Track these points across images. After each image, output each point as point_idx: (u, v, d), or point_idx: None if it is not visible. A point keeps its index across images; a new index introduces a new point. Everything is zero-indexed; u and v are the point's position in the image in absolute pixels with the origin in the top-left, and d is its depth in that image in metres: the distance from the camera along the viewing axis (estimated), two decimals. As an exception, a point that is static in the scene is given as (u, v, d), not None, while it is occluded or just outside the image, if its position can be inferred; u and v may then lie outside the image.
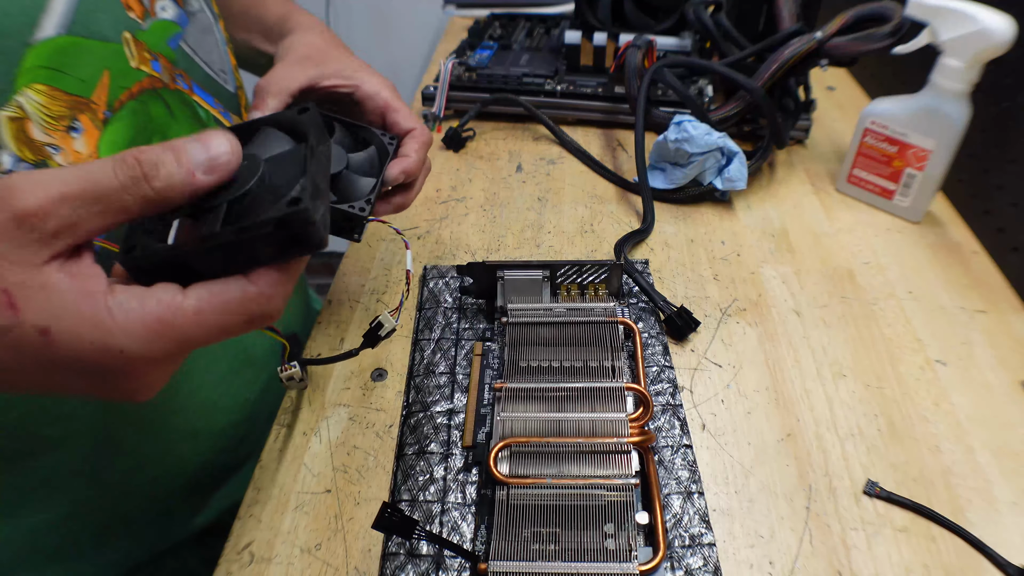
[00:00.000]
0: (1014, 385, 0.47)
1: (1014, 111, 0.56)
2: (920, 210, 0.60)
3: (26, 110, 0.33)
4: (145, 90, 0.39)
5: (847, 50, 0.61)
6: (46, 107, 0.34)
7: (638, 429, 0.40)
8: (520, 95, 0.75)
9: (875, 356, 0.49)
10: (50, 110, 0.34)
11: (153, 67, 0.40)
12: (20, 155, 0.33)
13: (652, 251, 0.59)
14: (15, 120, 0.33)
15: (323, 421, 0.45)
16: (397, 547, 0.37)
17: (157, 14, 0.41)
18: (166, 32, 0.42)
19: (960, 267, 0.56)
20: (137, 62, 0.39)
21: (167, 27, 0.42)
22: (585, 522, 0.37)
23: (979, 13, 0.50)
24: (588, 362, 0.45)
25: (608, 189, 0.67)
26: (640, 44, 0.68)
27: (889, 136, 0.59)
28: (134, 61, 0.39)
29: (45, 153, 0.34)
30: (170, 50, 0.42)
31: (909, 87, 0.57)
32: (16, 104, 0.33)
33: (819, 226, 0.61)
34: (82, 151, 0.35)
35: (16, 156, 0.33)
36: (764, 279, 0.55)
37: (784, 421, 0.45)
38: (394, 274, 0.57)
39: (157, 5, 0.41)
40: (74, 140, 0.35)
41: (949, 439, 0.43)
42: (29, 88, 0.33)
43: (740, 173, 0.61)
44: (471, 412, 0.44)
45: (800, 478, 0.41)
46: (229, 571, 0.38)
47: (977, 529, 0.38)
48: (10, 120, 0.32)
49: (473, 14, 1.06)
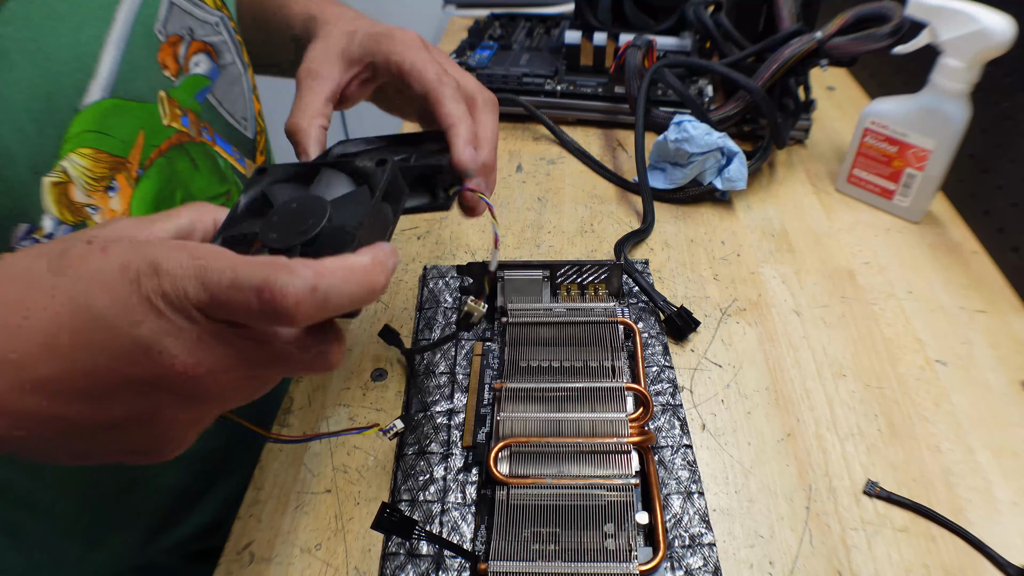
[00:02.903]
0: (1014, 385, 0.47)
1: (1014, 111, 0.56)
2: (920, 210, 0.60)
3: (70, 174, 0.33)
4: (173, 146, 0.40)
5: (847, 50, 0.61)
6: (90, 170, 0.34)
7: (638, 429, 0.40)
8: (520, 95, 0.75)
9: (875, 356, 0.49)
10: (93, 172, 0.34)
11: (183, 123, 0.41)
12: (60, 218, 0.33)
13: (652, 251, 0.59)
14: (58, 184, 0.33)
15: (323, 421, 0.45)
16: (397, 547, 0.37)
17: (190, 70, 0.41)
18: (196, 87, 0.42)
19: (960, 267, 0.56)
20: (169, 119, 0.39)
21: (198, 82, 0.42)
22: (585, 522, 0.37)
23: (979, 13, 0.50)
24: (588, 362, 0.45)
25: (608, 189, 0.67)
26: (640, 44, 0.68)
27: (889, 136, 0.59)
28: (166, 119, 0.39)
29: (85, 214, 0.34)
30: (197, 104, 0.42)
31: (909, 87, 0.57)
32: (61, 169, 0.33)
33: (819, 226, 0.61)
34: (117, 209, 0.36)
35: (57, 219, 0.33)
36: (764, 279, 0.55)
37: (784, 421, 0.45)
38: (395, 275, 0.57)
39: (191, 60, 0.42)
40: (111, 199, 0.36)
41: (949, 439, 0.43)
42: (75, 153, 0.33)
43: (740, 173, 0.61)
44: (471, 412, 0.44)
45: (800, 478, 0.41)
46: (229, 571, 0.38)
47: (977, 529, 0.38)
48: (53, 185, 0.33)
49: (473, 14, 1.06)
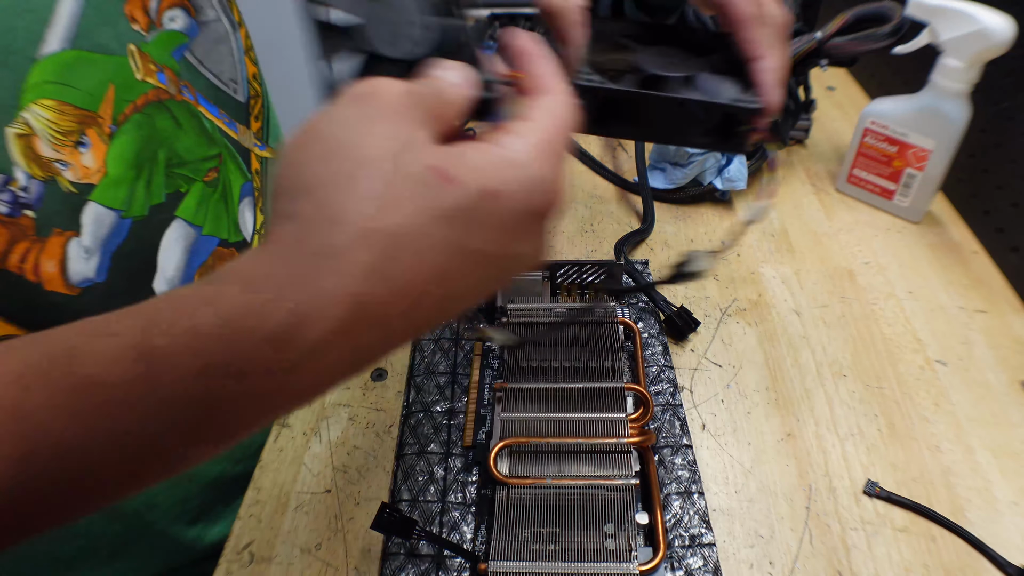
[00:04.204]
0: (1014, 385, 0.47)
1: (1014, 111, 0.56)
2: (920, 210, 0.60)
3: (33, 126, 0.33)
4: (151, 102, 0.39)
5: (847, 50, 0.61)
6: (55, 122, 0.33)
7: (638, 429, 0.40)
8: (520, 95, 0.75)
9: (875, 356, 0.49)
10: (59, 125, 0.34)
11: (159, 79, 0.40)
12: (30, 172, 0.32)
13: (652, 251, 0.59)
14: (22, 137, 0.32)
15: (323, 421, 0.45)
16: (397, 547, 0.37)
17: (165, 25, 0.40)
18: (171, 43, 0.41)
19: (960, 267, 0.56)
20: (142, 74, 0.38)
21: (173, 37, 0.41)
22: (585, 522, 0.37)
23: (979, 13, 0.50)
24: (588, 362, 0.45)
25: (608, 189, 0.67)
26: (640, 44, 0.68)
27: (889, 136, 0.59)
28: (139, 73, 0.38)
29: (54, 169, 0.33)
30: (174, 61, 0.41)
31: (909, 87, 0.57)
32: (23, 120, 0.32)
33: (819, 226, 0.61)
34: (90, 165, 0.35)
35: (27, 173, 0.32)
36: (764, 279, 0.55)
37: (784, 421, 0.45)
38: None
39: (165, 16, 0.41)
40: (82, 155, 0.35)
41: (949, 439, 0.43)
42: (36, 104, 0.33)
43: (740, 173, 0.61)
44: (471, 412, 0.44)
45: (800, 478, 0.41)
46: (229, 571, 0.38)
47: (977, 529, 0.38)
48: (17, 137, 0.32)
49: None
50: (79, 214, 0.34)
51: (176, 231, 0.39)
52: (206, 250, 0.41)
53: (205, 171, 0.42)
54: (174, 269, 0.39)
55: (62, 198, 0.33)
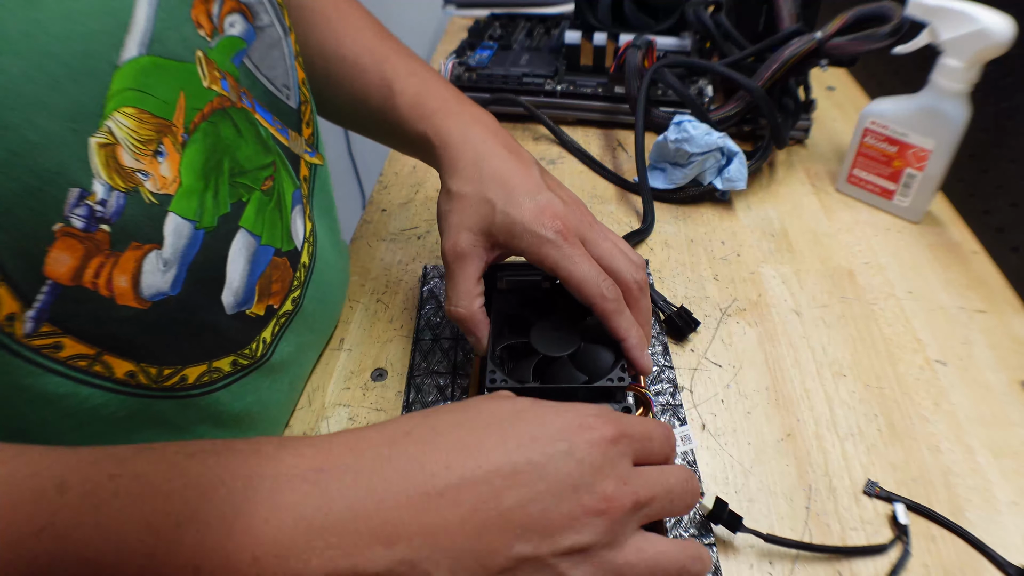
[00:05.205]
0: (1014, 385, 0.47)
1: (1014, 111, 0.56)
2: (920, 210, 0.60)
3: (116, 135, 0.31)
4: (215, 110, 0.38)
5: (847, 50, 0.61)
6: (135, 131, 0.32)
7: (638, 429, 0.40)
8: (520, 95, 0.75)
9: (875, 356, 0.49)
10: (139, 134, 0.33)
11: (223, 86, 0.39)
12: (111, 183, 0.31)
13: (652, 251, 0.59)
14: (105, 146, 0.31)
15: (323, 421, 0.45)
16: (397, 547, 0.37)
17: (225, 31, 0.39)
18: (232, 49, 0.40)
19: (960, 267, 0.56)
20: (208, 81, 0.37)
21: (233, 43, 0.40)
22: (585, 522, 0.37)
23: (979, 13, 0.50)
24: (588, 362, 0.45)
25: (608, 189, 0.67)
26: (640, 44, 0.68)
27: (889, 136, 0.59)
28: (206, 81, 0.37)
29: (136, 180, 0.32)
30: (234, 67, 0.40)
31: (909, 87, 0.57)
32: (106, 129, 0.31)
33: (819, 226, 0.61)
34: (167, 175, 0.34)
35: (108, 184, 0.31)
36: (764, 279, 0.55)
37: (784, 421, 0.45)
38: (394, 274, 0.57)
39: (226, 21, 0.40)
40: (160, 165, 0.34)
41: (949, 439, 0.43)
42: (118, 112, 0.31)
43: (740, 173, 0.61)
44: (471, 412, 0.44)
45: (800, 478, 0.41)
46: (229, 571, 0.38)
47: (977, 529, 0.38)
48: (100, 147, 0.31)
49: (473, 14, 1.06)
50: (161, 226, 0.33)
51: (240, 241, 0.38)
52: (264, 260, 0.40)
53: (263, 180, 0.40)
54: (240, 280, 0.38)
55: (144, 209, 0.32)
